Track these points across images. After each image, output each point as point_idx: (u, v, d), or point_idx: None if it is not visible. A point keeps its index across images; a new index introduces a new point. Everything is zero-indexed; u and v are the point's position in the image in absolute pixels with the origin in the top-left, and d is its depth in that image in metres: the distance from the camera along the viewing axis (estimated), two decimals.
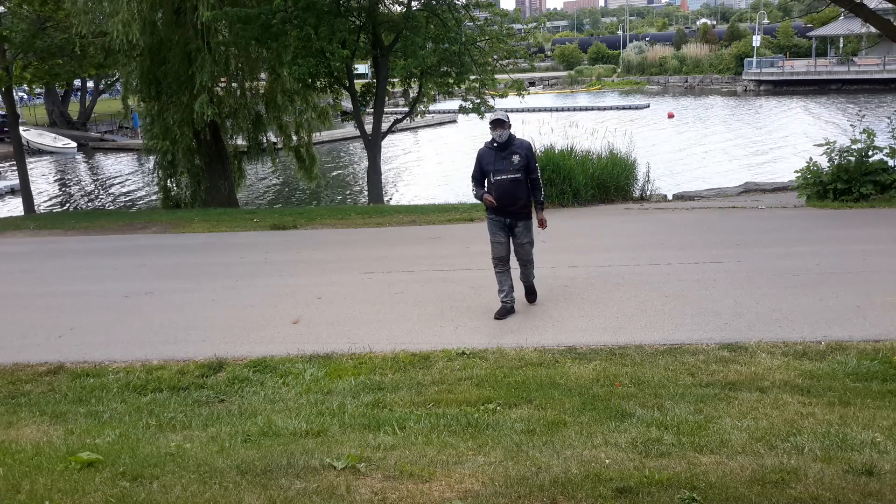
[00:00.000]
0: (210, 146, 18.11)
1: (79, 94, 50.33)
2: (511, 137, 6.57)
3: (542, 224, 6.74)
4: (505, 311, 6.74)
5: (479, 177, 6.69)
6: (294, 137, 20.12)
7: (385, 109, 18.18)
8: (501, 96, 18.56)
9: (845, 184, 12.31)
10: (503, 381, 5.23)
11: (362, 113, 18.32)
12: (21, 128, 24.45)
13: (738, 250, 8.87)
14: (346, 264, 9.28)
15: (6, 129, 24.43)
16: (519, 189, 6.52)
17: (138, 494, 3.38)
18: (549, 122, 16.72)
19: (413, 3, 16.83)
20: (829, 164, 12.66)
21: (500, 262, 6.71)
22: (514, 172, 6.47)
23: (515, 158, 6.48)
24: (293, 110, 19.24)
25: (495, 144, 6.52)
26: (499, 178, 6.49)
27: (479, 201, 6.81)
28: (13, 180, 25.86)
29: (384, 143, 18.82)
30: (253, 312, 7.38)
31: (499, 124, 6.45)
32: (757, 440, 3.93)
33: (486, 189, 6.62)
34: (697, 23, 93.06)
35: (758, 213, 11.80)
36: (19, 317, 7.62)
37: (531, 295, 7.09)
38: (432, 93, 19.24)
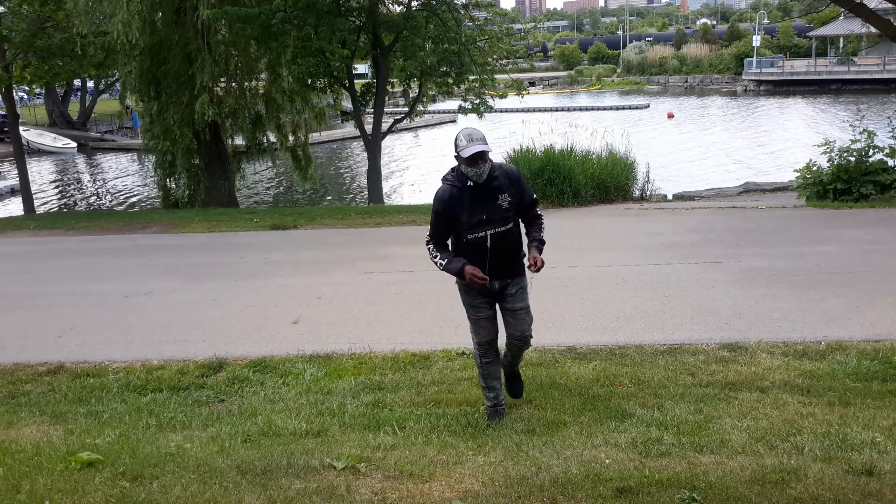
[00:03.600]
0: (210, 146, 18.11)
1: (79, 94, 50.30)
2: (490, 167, 4.12)
3: (537, 264, 4.16)
4: (498, 415, 4.51)
5: (443, 237, 4.31)
6: (291, 138, 20.12)
7: (385, 109, 18.18)
8: (501, 96, 18.56)
9: (845, 184, 12.31)
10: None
11: (362, 113, 18.33)
12: (21, 128, 24.45)
13: (738, 250, 8.86)
14: (346, 264, 9.28)
15: (6, 129, 24.43)
16: (511, 242, 4.25)
17: (138, 494, 3.38)
18: (549, 122, 16.73)
19: (413, 3, 16.84)
20: (828, 165, 12.67)
21: (488, 348, 4.43)
22: (506, 221, 4.17)
23: (503, 198, 4.13)
24: (292, 110, 19.25)
25: (470, 184, 4.09)
26: (491, 231, 4.14)
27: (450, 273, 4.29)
28: (13, 180, 25.87)
29: (384, 142, 18.82)
30: (253, 312, 7.38)
31: (478, 158, 3.99)
32: (757, 440, 3.93)
33: (454, 252, 4.29)
34: (697, 23, 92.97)
35: (758, 213, 11.79)
36: (19, 317, 7.62)
37: (516, 384, 4.78)
38: (432, 93, 19.25)
